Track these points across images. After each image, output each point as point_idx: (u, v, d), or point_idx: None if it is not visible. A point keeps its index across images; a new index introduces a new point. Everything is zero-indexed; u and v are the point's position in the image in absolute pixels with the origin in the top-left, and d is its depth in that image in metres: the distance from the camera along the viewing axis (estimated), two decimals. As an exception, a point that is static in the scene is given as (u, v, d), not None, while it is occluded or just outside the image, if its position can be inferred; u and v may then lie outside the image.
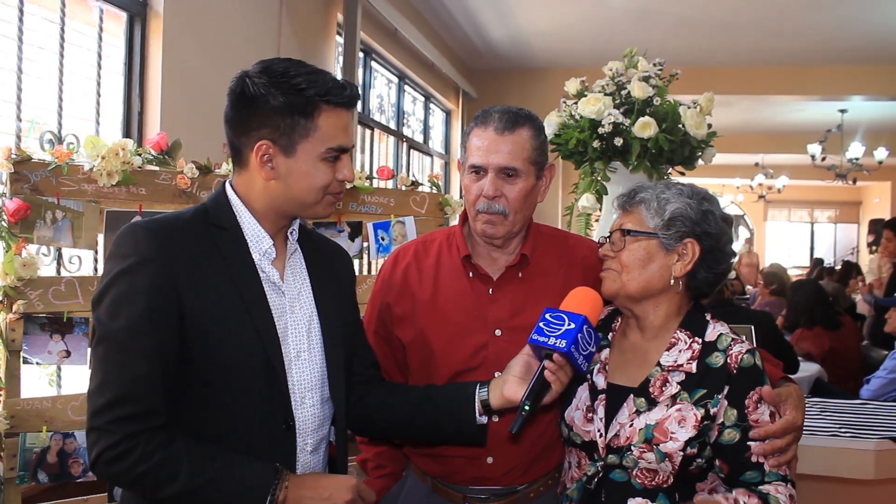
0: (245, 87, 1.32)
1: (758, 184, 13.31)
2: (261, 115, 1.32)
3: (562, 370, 1.42)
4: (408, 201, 2.52)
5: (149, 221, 1.33)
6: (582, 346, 1.42)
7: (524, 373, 1.46)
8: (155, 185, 2.14)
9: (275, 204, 1.38)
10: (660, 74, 2.38)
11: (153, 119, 3.14)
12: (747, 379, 1.51)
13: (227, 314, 1.31)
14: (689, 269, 1.58)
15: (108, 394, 1.22)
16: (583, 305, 1.46)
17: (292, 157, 1.34)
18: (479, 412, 1.50)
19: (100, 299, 1.27)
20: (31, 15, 2.70)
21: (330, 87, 1.33)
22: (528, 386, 1.41)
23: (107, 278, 1.28)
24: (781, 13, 6.36)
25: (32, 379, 2.12)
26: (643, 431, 1.51)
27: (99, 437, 1.22)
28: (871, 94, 8.31)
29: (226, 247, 1.35)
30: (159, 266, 1.26)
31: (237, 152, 1.38)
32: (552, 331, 1.41)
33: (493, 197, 1.62)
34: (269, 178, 1.35)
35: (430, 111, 7.97)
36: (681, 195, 1.59)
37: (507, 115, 1.65)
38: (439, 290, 1.73)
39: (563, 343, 1.39)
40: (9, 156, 1.97)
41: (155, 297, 1.25)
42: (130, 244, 1.28)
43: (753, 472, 1.50)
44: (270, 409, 1.35)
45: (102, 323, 1.26)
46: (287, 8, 4.22)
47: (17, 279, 1.94)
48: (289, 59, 1.36)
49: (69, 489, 2.10)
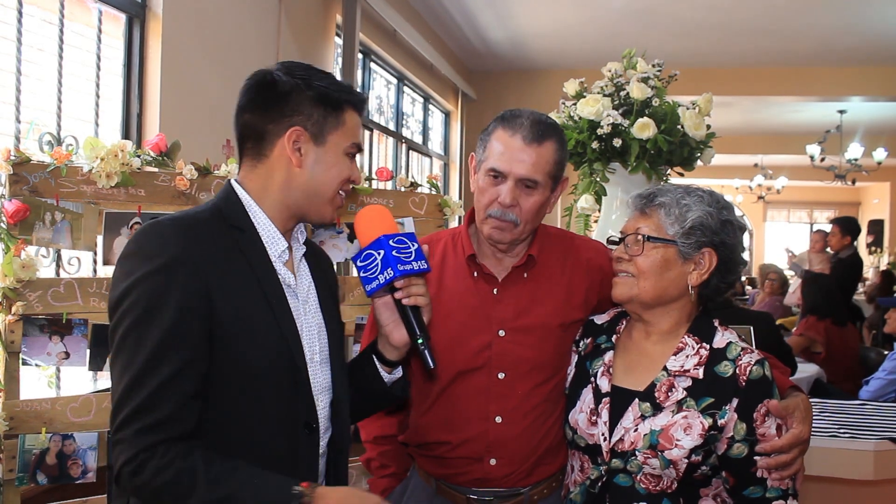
0: (276, 77, 1.35)
1: (757, 185, 13.31)
2: (294, 102, 1.34)
3: (411, 287, 1.40)
4: (407, 202, 2.52)
5: (172, 220, 1.29)
6: (404, 256, 1.39)
7: (392, 317, 1.45)
8: (154, 187, 2.13)
9: (290, 199, 1.37)
10: (658, 75, 2.38)
11: (152, 120, 3.14)
12: (757, 391, 1.49)
13: (255, 316, 1.29)
14: (704, 278, 1.56)
15: (132, 403, 1.17)
16: (372, 230, 1.41)
17: (322, 146, 1.36)
18: (386, 370, 1.51)
19: (121, 301, 1.21)
20: (30, 16, 2.70)
21: (350, 90, 1.40)
22: (406, 325, 1.42)
23: (129, 279, 1.21)
24: (780, 14, 6.36)
25: (31, 380, 2.12)
26: (648, 437, 1.50)
27: (122, 450, 1.17)
28: (870, 95, 8.32)
29: (246, 248, 1.33)
30: (191, 267, 1.23)
31: (260, 140, 1.36)
32: (373, 271, 1.40)
33: (509, 206, 1.61)
34: (297, 164, 1.35)
35: (429, 112, 7.97)
36: (701, 202, 1.56)
37: (538, 125, 1.61)
38: (443, 289, 1.72)
39: (389, 273, 1.38)
40: (8, 157, 1.97)
41: (188, 300, 1.21)
42: (157, 243, 1.24)
43: (757, 487, 1.50)
44: (294, 412, 1.34)
45: (127, 326, 1.20)
46: (286, 9, 4.22)
47: (16, 280, 1.94)
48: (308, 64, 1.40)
49: (68, 491, 2.10)
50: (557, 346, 1.70)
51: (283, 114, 1.34)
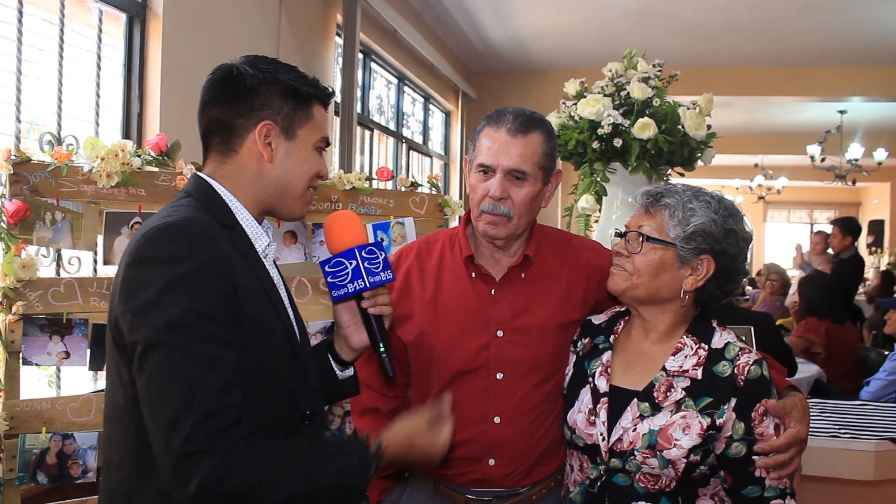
0: (242, 71, 1.34)
1: (757, 185, 13.31)
2: (263, 96, 1.33)
3: (377, 297, 1.43)
4: (407, 202, 2.52)
5: (182, 221, 1.24)
6: (373, 267, 1.41)
7: (353, 320, 1.47)
8: (154, 187, 2.13)
9: (262, 194, 1.36)
10: (659, 75, 2.38)
11: (152, 120, 3.14)
12: (755, 391, 1.50)
13: (264, 313, 1.30)
14: (699, 284, 1.56)
15: (197, 412, 1.12)
16: (343, 238, 1.43)
17: (292, 141, 1.35)
18: (339, 368, 1.52)
19: (150, 310, 1.16)
20: (31, 16, 2.70)
21: (316, 83, 1.39)
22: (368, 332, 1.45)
23: (154, 286, 1.16)
24: (780, 15, 6.36)
25: (32, 380, 2.12)
26: (647, 437, 1.50)
27: (199, 463, 1.10)
28: (870, 96, 8.31)
29: (239, 246, 1.32)
30: (220, 268, 1.21)
31: (229, 134, 1.34)
32: (342, 279, 1.42)
33: (500, 198, 1.62)
34: (269, 159, 1.33)
35: (429, 112, 7.97)
36: (707, 208, 1.55)
37: (521, 117, 1.64)
38: (441, 290, 1.72)
39: (360, 283, 1.40)
40: (8, 157, 1.97)
41: (224, 301, 1.19)
42: (181, 246, 1.19)
43: (755, 486, 1.50)
44: (295, 403, 1.36)
45: (164, 335, 1.15)
46: (286, 9, 4.22)
47: (16, 280, 1.94)
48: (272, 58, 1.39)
49: (68, 490, 2.10)
50: (556, 347, 1.71)
51: (251, 107, 1.33)
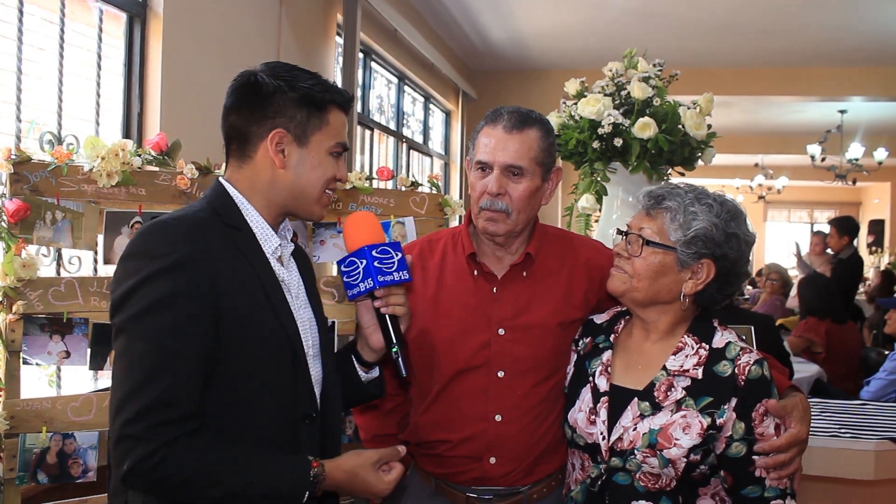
0: (259, 79, 1.36)
1: (757, 184, 13.31)
2: (277, 105, 1.35)
3: (390, 297, 1.46)
4: (407, 202, 2.52)
5: (176, 220, 1.31)
6: (385, 267, 1.44)
7: (373, 321, 1.50)
8: (155, 186, 2.13)
9: (277, 198, 1.39)
10: (659, 75, 2.38)
11: (153, 120, 3.14)
12: (755, 391, 1.50)
13: (258, 313, 1.32)
14: (699, 288, 1.56)
15: (144, 399, 1.18)
16: (357, 237, 1.47)
17: (305, 147, 1.38)
18: (363, 370, 1.56)
19: (127, 298, 1.23)
20: (31, 15, 2.70)
21: (335, 89, 1.41)
22: (382, 332, 1.47)
23: (135, 277, 1.23)
24: (780, 14, 6.36)
25: (32, 380, 2.12)
26: (647, 436, 1.50)
27: (135, 446, 1.17)
28: (870, 95, 8.31)
29: (243, 246, 1.35)
30: (200, 266, 1.25)
31: (244, 141, 1.38)
32: (355, 278, 1.45)
33: (497, 194, 1.63)
34: (281, 166, 1.37)
35: (429, 112, 7.96)
36: (710, 212, 1.54)
37: (517, 114, 1.67)
38: (443, 287, 1.73)
39: (369, 283, 1.43)
40: (8, 156, 1.97)
41: (198, 298, 1.23)
42: (165, 242, 1.25)
43: (755, 486, 1.50)
44: (295, 404, 1.37)
45: (134, 323, 1.22)
46: (287, 9, 4.22)
47: (16, 280, 1.94)
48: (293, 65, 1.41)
49: (68, 490, 2.10)
50: (556, 346, 1.71)
51: (265, 116, 1.36)
